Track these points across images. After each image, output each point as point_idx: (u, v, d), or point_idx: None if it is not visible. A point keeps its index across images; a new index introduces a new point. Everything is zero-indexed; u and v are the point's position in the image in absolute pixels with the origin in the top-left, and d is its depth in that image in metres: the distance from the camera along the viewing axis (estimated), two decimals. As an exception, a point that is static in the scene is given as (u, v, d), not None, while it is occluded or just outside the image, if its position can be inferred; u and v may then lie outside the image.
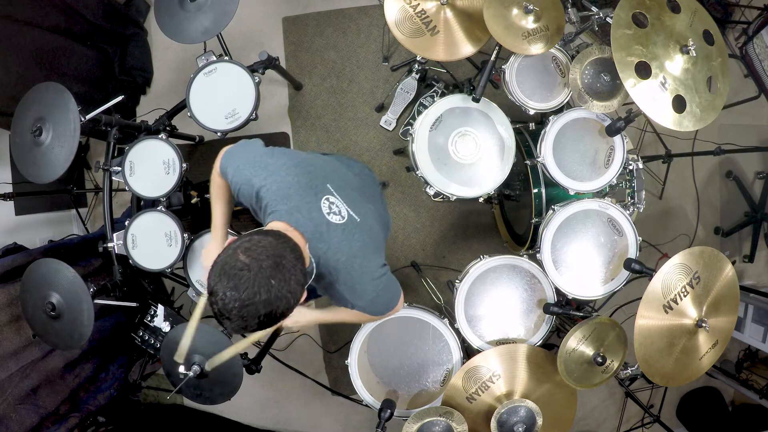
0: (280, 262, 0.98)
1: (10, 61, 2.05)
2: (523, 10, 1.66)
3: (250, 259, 0.96)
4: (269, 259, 0.97)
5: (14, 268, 1.92)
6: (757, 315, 2.64)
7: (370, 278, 1.26)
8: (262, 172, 1.24)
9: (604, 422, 2.93)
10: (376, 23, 2.79)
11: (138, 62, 2.75)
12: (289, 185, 1.22)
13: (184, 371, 1.64)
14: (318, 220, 1.20)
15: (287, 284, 0.98)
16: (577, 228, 1.84)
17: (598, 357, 1.64)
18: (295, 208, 1.19)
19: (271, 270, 0.96)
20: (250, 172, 1.25)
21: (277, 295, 0.96)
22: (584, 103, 1.74)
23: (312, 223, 1.19)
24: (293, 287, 0.99)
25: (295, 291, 1.00)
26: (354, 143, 2.78)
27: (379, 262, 1.29)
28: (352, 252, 1.23)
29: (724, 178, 2.94)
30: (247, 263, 0.96)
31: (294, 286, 0.99)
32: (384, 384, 1.86)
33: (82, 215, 2.76)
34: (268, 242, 1.00)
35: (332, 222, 1.22)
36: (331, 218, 1.22)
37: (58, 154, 1.67)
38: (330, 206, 1.23)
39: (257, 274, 0.95)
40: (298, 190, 1.22)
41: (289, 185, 1.22)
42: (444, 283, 2.68)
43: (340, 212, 1.24)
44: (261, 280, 0.95)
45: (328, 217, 1.22)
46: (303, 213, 1.19)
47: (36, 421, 1.97)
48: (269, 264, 0.97)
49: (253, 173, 1.24)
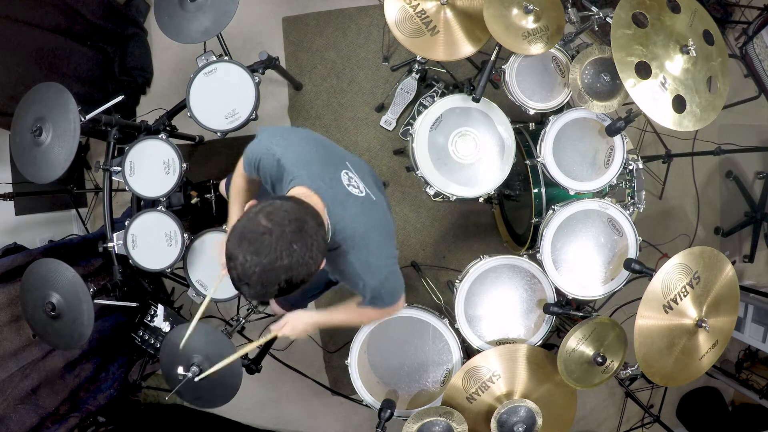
0: (302, 227, 0.96)
1: (10, 61, 2.05)
2: (523, 10, 1.66)
3: (272, 223, 0.94)
4: (291, 224, 0.95)
5: (14, 268, 1.91)
6: (757, 315, 2.64)
7: (385, 256, 1.25)
8: (284, 141, 1.24)
9: (604, 422, 2.93)
10: (376, 23, 2.79)
11: (138, 62, 2.75)
12: (310, 154, 1.23)
13: (182, 372, 1.64)
14: (338, 188, 1.20)
15: (309, 250, 0.96)
16: (577, 228, 1.84)
17: (598, 357, 1.64)
18: (317, 175, 1.19)
19: (293, 234, 0.95)
20: (272, 141, 1.25)
21: (299, 260, 0.95)
22: (584, 103, 1.74)
23: (332, 190, 1.19)
24: (315, 253, 0.98)
25: (317, 257, 0.98)
26: (354, 143, 2.78)
27: (392, 244, 1.29)
28: (370, 224, 1.22)
29: (724, 178, 2.94)
30: (269, 227, 0.94)
31: (315, 252, 0.98)
32: (384, 384, 1.86)
33: (82, 215, 2.76)
34: (290, 206, 0.99)
35: (352, 193, 1.22)
36: (351, 189, 1.22)
37: (58, 154, 1.66)
38: (349, 179, 1.24)
39: (279, 239, 0.93)
40: (318, 159, 1.23)
41: (310, 154, 1.23)
42: (444, 283, 2.68)
43: (358, 186, 1.24)
44: (283, 244, 0.93)
45: (348, 188, 1.21)
46: (324, 180, 1.19)
47: (36, 421, 1.97)
48: (292, 229, 0.95)
49: (274, 142, 1.24)
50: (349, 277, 1.27)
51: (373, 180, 1.39)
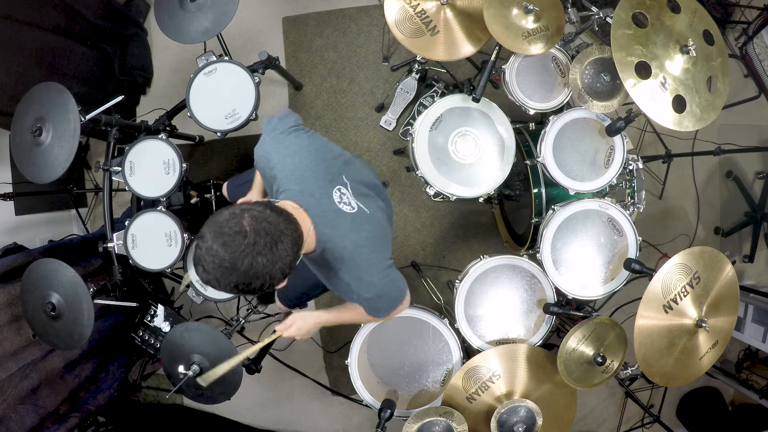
0: (276, 244, 0.99)
1: (10, 61, 2.05)
2: (523, 10, 1.66)
3: (251, 228, 0.97)
4: (267, 236, 0.98)
5: (14, 268, 1.92)
6: (757, 315, 2.64)
7: (376, 270, 1.26)
8: (284, 149, 1.25)
9: (604, 422, 2.93)
10: (376, 23, 2.79)
11: (138, 62, 2.75)
12: (306, 168, 1.23)
13: (183, 371, 1.64)
14: (327, 206, 1.21)
15: (272, 267, 0.99)
16: (577, 228, 1.83)
17: (598, 357, 1.64)
18: (308, 191, 1.20)
19: (263, 247, 0.97)
20: (271, 147, 1.27)
21: (257, 272, 0.97)
22: (584, 103, 1.74)
23: (321, 208, 1.20)
24: (275, 272, 1.00)
25: (276, 276, 1.01)
26: (354, 143, 2.78)
27: (386, 254, 1.30)
28: (359, 242, 1.23)
29: (724, 178, 2.94)
30: (246, 230, 0.97)
31: (276, 271, 1.00)
32: (384, 384, 1.86)
33: (82, 215, 2.76)
34: (275, 220, 1.01)
35: (342, 210, 1.22)
36: (342, 207, 1.22)
37: (58, 154, 1.66)
38: (341, 196, 1.24)
39: (249, 245, 0.96)
40: (314, 173, 1.23)
41: (306, 168, 1.23)
42: (444, 283, 2.68)
43: (350, 203, 1.24)
44: (251, 251, 0.96)
45: (339, 206, 1.22)
46: (315, 197, 1.20)
47: (36, 421, 1.97)
48: (265, 242, 0.97)
49: (273, 148, 1.26)
50: (344, 292, 1.29)
51: (370, 188, 1.37)
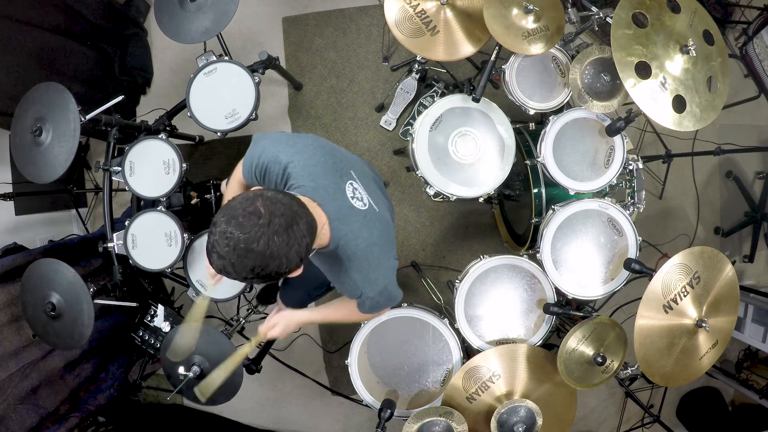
0: (291, 225, 0.97)
1: (10, 61, 2.05)
2: (523, 10, 1.66)
3: (266, 209, 0.95)
4: (282, 217, 0.96)
5: (14, 268, 1.92)
6: (757, 315, 2.64)
7: (385, 269, 1.26)
8: (290, 149, 1.23)
9: (604, 422, 2.93)
10: (376, 23, 2.79)
11: (138, 62, 2.75)
12: (316, 164, 1.21)
13: (183, 372, 1.64)
14: (341, 202, 1.19)
15: (288, 248, 0.96)
16: (577, 228, 1.83)
17: (598, 357, 1.64)
18: (322, 187, 1.18)
19: (280, 227, 0.95)
20: (277, 149, 1.23)
21: (273, 253, 0.95)
22: (584, 103, 1.74)
23: (336, 204, 1.18)
24: (292, 255, 0.98)
25: (292, 259, 0.98)
26: (354, 143, 2.78)
27: (393, 254, 1.30)
28: (372, 239, 1.22)
29: (724, 178, 2.94)
30: (261, 211, 0.94)
31: (293, 254, 0.98)
32: (384, 384, 1.86)
33: (82, 215, 2.76)
34: (289, 202, 1.00)
35: (355, 206, 1.21)
36: (354, 203, 1.21)
37: (58, 154, 1.66)
38: (353, 191, 1.23)
39: (265, 225, 0.94)
40: (324, 169, 1.21)
41: (316, 164, 1.21)
42: (444, 283, 2.67)
43: (362, 199, 1.24)
44: (266, 231, 0.94)
45: (351, 201, 1.21)
46: (329, 192, 1.18)
47: (36, 421, 1.97)
48: (281, 222, 0.95)
49: (280, 150, 1.23)
50: (349, 290, 1.29)
51: (377, 185, 1.38)
